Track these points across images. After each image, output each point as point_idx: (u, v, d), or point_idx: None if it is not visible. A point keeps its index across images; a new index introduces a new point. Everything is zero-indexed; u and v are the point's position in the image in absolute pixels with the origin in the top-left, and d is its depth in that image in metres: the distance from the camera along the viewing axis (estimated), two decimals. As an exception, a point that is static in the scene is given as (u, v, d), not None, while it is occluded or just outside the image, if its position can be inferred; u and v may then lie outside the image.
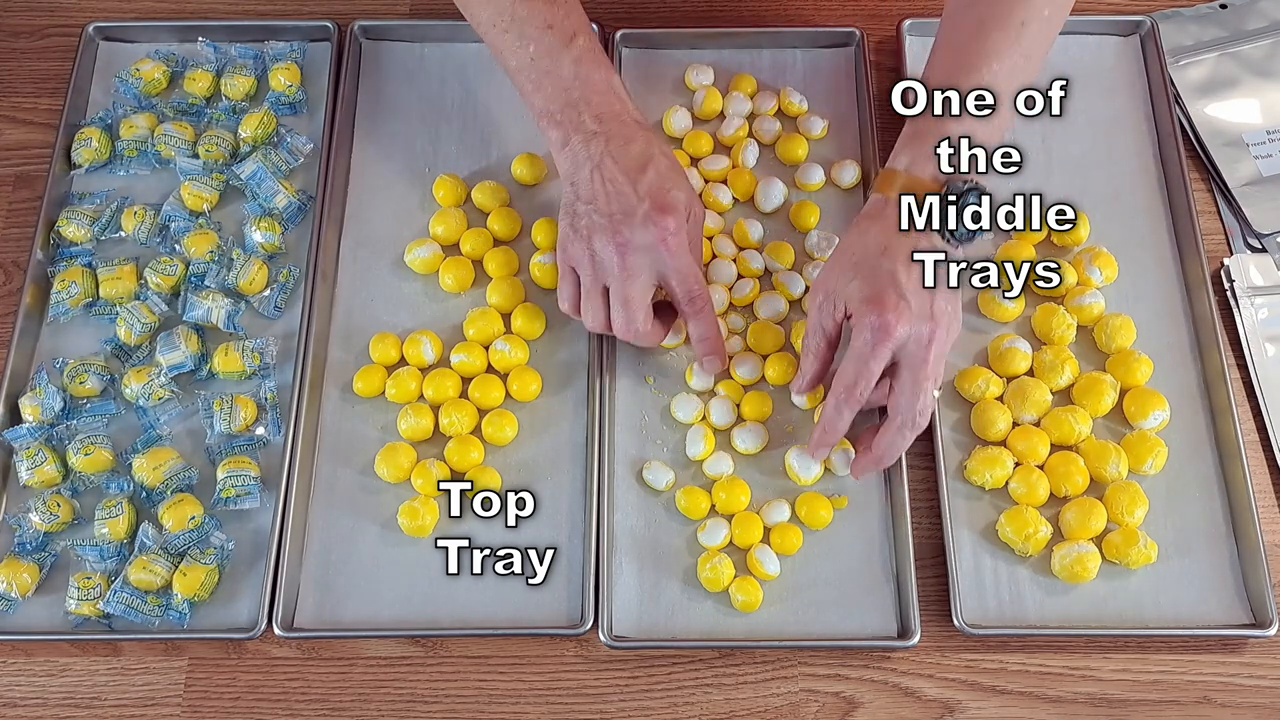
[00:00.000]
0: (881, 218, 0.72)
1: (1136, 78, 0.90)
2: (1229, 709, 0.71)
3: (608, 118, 0.73)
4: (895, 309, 0.68)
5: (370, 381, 0.79)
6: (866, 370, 0.69)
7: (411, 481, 0.76)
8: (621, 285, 0.72)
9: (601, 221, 0.71)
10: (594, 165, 0.72)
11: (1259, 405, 0.79)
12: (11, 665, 0.73)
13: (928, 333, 0.69)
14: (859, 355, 0.69)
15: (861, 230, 0.73)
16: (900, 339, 0.69)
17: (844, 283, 0.71)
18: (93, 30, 0.92)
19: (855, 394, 0.70)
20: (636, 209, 0.71)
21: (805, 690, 0.72)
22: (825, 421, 0.72)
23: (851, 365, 0.70)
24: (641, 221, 0.70)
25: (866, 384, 0.70)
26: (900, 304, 0.68)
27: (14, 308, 0.82)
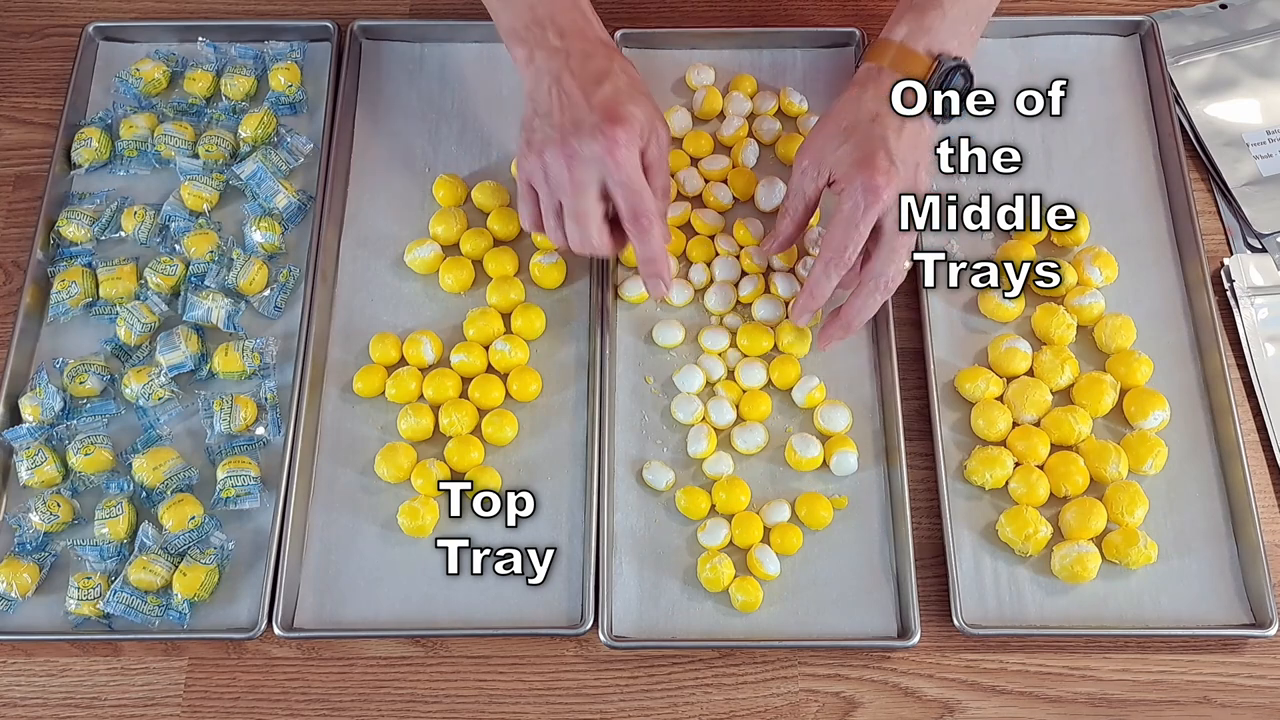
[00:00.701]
0: (873, 85, 0.73)
1: (1136, 78, 0.90)
2: (1229, 709, 0.71)
3: (570, 34, 0.73)
4: (885, 173, 0.69)
5: (370, 381, 0.79)
6: (856, 233, 0.70)
7: (411, 481, 0.76)
8: (572, 199, 0.71)
9: (553, 134, 0.71)
10: (553, 79, 0.72)
11: (1259, 405, 0.79)
12: (11, 665, 0.73)
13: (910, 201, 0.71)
14: (847, 219, 0.70)
15: (852, 97, 0.73)
16: (887, 203, 0.70)
17: (832, 148, 0.72)
18: (93, 30, 0.92)
19: (844, 257, 0.71)
20: (586, 120, 0.70)
21: (805, 690, 0.72)
22: (811, 285, 0.73)
23: (840, 229, 0.71)
24: (590, 132, 0.70)
25: (855, 247, 0.71)
26: (890, 169, 0.70)
27: (14, 308, 0.82)
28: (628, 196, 0.71)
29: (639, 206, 0.71)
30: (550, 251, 0.82)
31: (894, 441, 0.76)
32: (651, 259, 0.74)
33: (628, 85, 0.72)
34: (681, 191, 0.86)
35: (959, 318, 0.82)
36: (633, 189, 0.70)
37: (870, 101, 0.72)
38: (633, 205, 0.71)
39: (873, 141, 0.71)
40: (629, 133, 0.70)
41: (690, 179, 0.86)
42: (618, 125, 0.69)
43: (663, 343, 0.80)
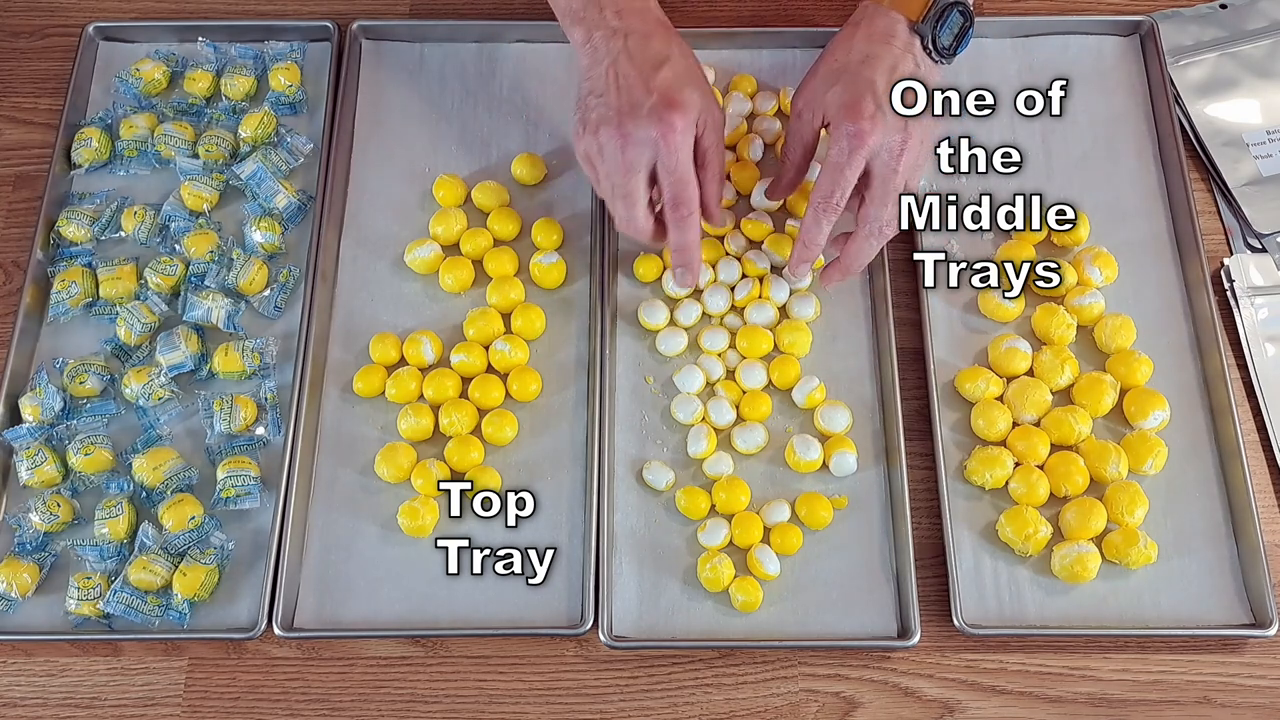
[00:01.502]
0: (865, 25, 0.72)
1: (1136, 78, 0.90)
2: (1229, 709, 0.71)
3: (629, 14, 0.73)
4: (871, 117, 0.69)
5: (370, 381, 0.79)
6: (842, 178, 0.71)
7: (411, 481, 0.76)
8: (622, 179, 0.72)
9: (609, 114, 0.71)
10: (611, 60, 0.72)
11: (1259, 405, 0.79)
12: (11, 665, 0.73)
13: (899, 143, 0.70)
14: (834, 164, 0.71)
15: (845, 38, 0.73)
16: (874, 147, 0.70)
17: (823, 91, 0.72)
18: (93, 30, 0.92)
19: (832, 203, 0.71)
20: (644, 103, 0.70)
21: (805, 690, 0.72)
22: (805, 234, 0.74)
23: (828, 174, 0.71)
24: (647, 116, 0.70)
25: (843, 192, 0.71)
26: (876, 113, 0.69)
27: (14, 308, 0.82)
28: (673, 183, 0.71)
29: (682, 194, 0.72)
30: (550, 251, 0.82)
31: (894, 441, 0.76)
32: (684, 247, 0.74)
33: (685, 70, 0.72)
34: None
35: (959, 318, 0.82)
36: (678, 176, 0.71)
37: (862, 42, 0.72)
38: (676, 192, 0.72)
39: (860, 84, 0.70)
40: (685, 119, 0.70)
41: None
42: (674, 110, 0.69)
43: (666, 352, 0.80)
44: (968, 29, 0.73)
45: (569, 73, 0.91)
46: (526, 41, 0.92)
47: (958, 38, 0.73)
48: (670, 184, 0.71)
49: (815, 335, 0.81)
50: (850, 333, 0.81)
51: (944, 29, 0.72)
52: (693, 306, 0.81)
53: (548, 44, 0.92)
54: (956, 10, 0.72)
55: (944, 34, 0.73)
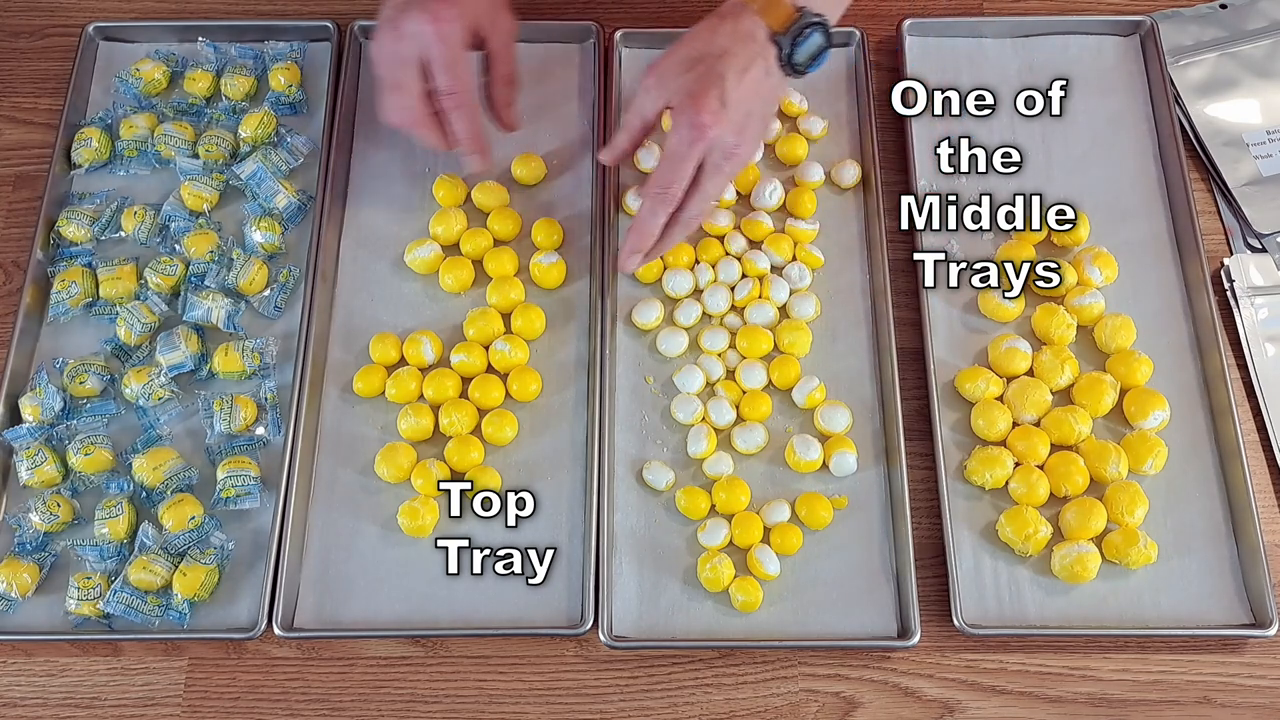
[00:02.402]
0: (731, 20, 0.73)
1: (1136, 78, 0.90)
2: (1229, 709, 0.71)
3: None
4: (714, 113, 0.70)
5: (370, 381, 0.79)
6: (682, 169, 0.72)
7: (411, 481, 0.76)
8: (391, 70, 0.74)
9: (390, 12, 0.74)
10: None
11: (1259, 405, 0.79)
12: (11, 665, 0.73)
13: (732, 144, 0.72)
14: (675, 154, 0.71)
15: (709, 27, 0.73)
16: (711, 141, 0.71)
17: (675, 74, 0.72)
18: (93, 30, 0.92)
19: (670, 193, 0.72)
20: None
21: (805, 690, 0.72)
22: (640, 224, 0.74)
23: (668, 164, 0.72)
24: (417, 7, 0.72)
25: (680, 184, 0.72)
26: (720, 110, 0.70)
27: (14, 308, 0.82)
28: (441, 71, 0.73)
29: (447, 84, 0.74)
30: (550, 251, 0.82)
31: (894, 441, 0.76)
32: (467, 135, 0.76)
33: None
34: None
35: (959, 318, 0.82)
36: (444, 63, 0.73)
37: (724, 36, 0.72)
38: (445, 81, 0.74)
39: (711, 78, 0.70)
40: (452, 10, 0.72)
41: None
42: (442, 2, 0.72)
43: (666, 352, 0.80)
44: (824, 49, 0.74)
45: (569, 72, 0.91)
46: (526, 41, 0.92)
47: (813, 56, 0.74)
48: (438, 72, 0.74)
49: (815, 335, 0.81)
50: (850, 333, 0.81)
51: (801, 46, 0.73)
52: (693, 306, 0.81)
53: (547, 44, 0.92)
54: (817, 30, 0.73)
55: (800, 50, 0.73)
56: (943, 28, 0.91)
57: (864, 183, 0.86)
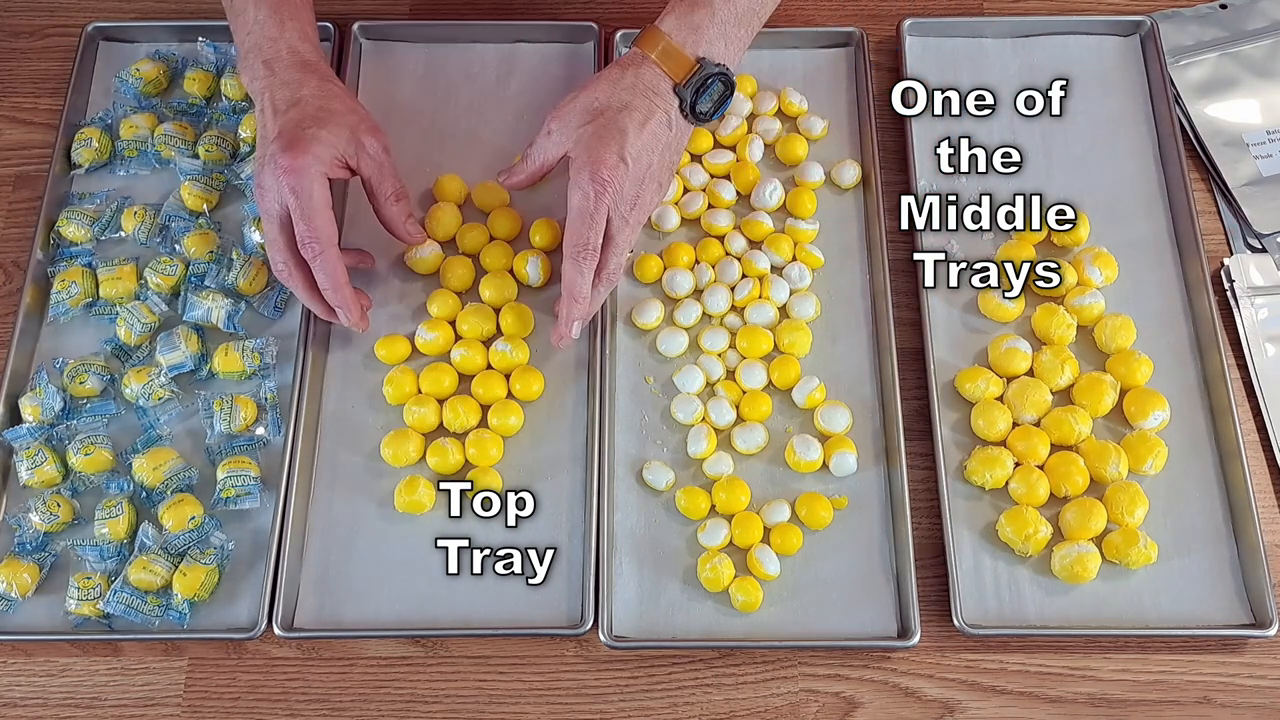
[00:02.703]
0: (632, 72, 0.74)
1: (1136, 78, 0.90)
2: (1229, 709, 0.71)
3: (272, 62, 0.75)
4: (613, 168, 0.71)
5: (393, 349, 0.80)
6: (593, 225, 0.72)
7: (427, 460, 0.76)
8: (267, 227, 0.74)
9: (256, 168, 0.73)
10: (260, 111, 0.74)
11: (1259, 405, 0.79)
12: (11, 665, 0.73)
13: (634, 196, 0.73)
14: (582, 211, 0.72)
15: (612, 78, 0.74)
16: (614, 196, 0.71)
17: (577, 123, 0.73)
18: (93, 30, 0.92)
19: (589, 249, 0.72)
20: (268, 151, 0.72)
21: (805, 690, 0.72)
22: (572, 288, 0.74)
23: (579, 223, 0.72)
24: (269, 162, 0.72)
25: (596, 238, 0.72)
26: (619, 165, 0.71)
27: (14, 308, 0.82)
28: (299, 223, 0.72)
29: (309, 234, 0.72)
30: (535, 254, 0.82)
31: (894, 441, 0.76)
32: (330, 287, 0.74)
33: (317, 109, 0.74)
34: (687, 185, 0.86)
35: (959, 318, 0.82)
36: (303, 215, 0.72)
37: (625, 89, 0.73)
38: (302, 232, 0.72)
39: (611, 132, 0.71)
40: (304, 159, 0.71)
41: (695, 174, 0.86)
42: (291, 152, 0.71)
43: (666, 352, 0.80)
44: (727, 96, 0.75)
45: (569, 73, 0.91)
46: (526, 41, 0.92)
47: (716, 104, 0.75)
48: (297, 223, 0.72)
49: (815, 335, 0.81)
50: (850, 333, 0.81)
51: (704, 96, 0.74)
52: (693, 306, 0.81)
53: (547, 44, 0.92)
54: (719, 80, 0.74)
55: (703, 100, 0.74)
56: (943, 28, 0.91)
57: (864, 183, 0.86)
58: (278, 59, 0.75)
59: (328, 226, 0.73)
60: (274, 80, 0.74)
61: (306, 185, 0.71)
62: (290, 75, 0.75)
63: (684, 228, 0.85)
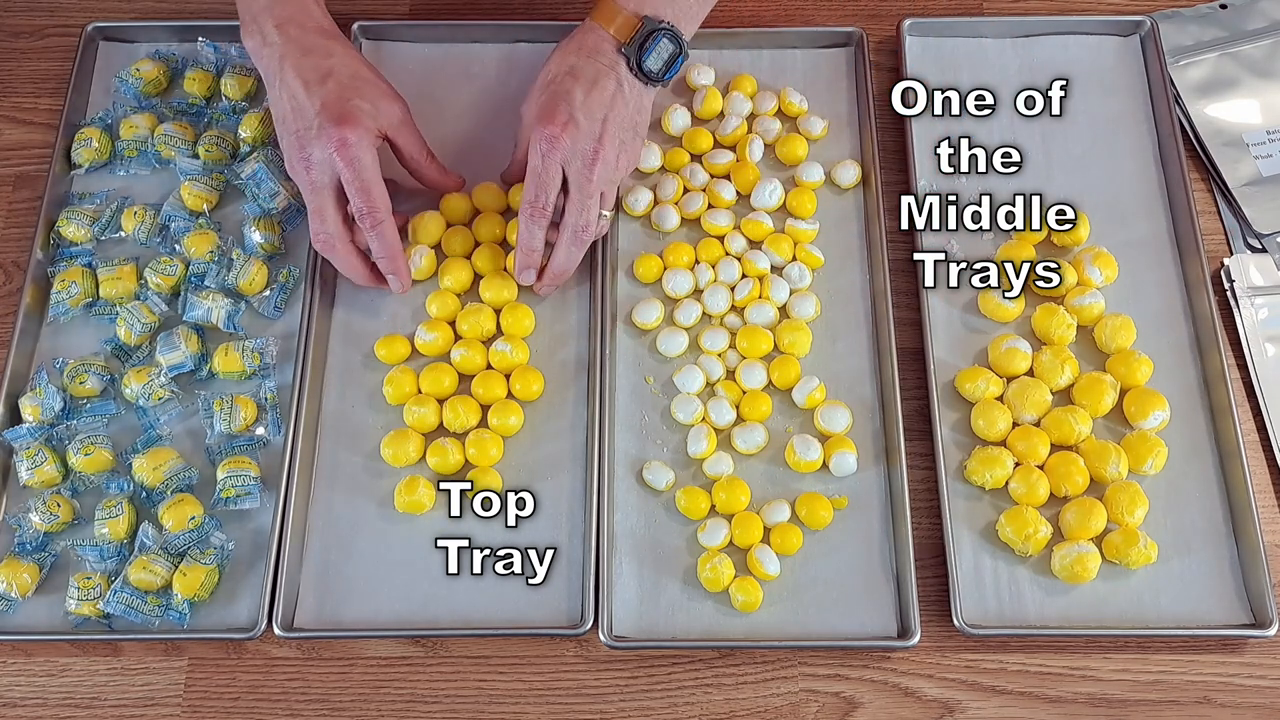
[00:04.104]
0: (579, 40, 0.76)
1: (1136, 78, 0.90)
2: (1229, 709, 0.71)
3: (287, 27, 0.75)
4: (563, 125, 0.72)
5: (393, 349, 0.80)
6: (544, 183, 0.73)
7: (427, 460, 0.76)
8: (311, 196, 0.74)
9: (292, 141, 0.73)
10: (279, 79, 0.74)
11: (1259, 405, 0.79)
12: (11, 665, 0.73)
13: (591, 152, 0.74)
14: (534, 170, 0.73)
15: (562, 49, 0.76)
16: (566, 153, 0.73)
17: (534, 99, 0.75)
18: (93, 30, 0.92)
19: (539, 206, 0.74)
20: (313, 124, 0.72)
21: (805, 690, 0.72)
22: (520, 240, 0.76)
23: (531, 181, 0.74)
24: (318, 135, 0.72)
25: (547, 197, 0.74)
26: (569, 122, 0.72)
27: (14, 308, 0.82)
28: (357, 194, 0.73)
29: (362, 206, 0.73)
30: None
31: (894, 441, 0.76)
32: (386, 255, 0.76)
33: (351, 78, 0.74)
34: (687, 185, 0.86)
35: (959, 318, 0.82)
36: (361, 189, 0.73)
37: (571, 54, 0.76)
38: (362, 204, 0.73)
39: (559, 96, 0.73)
40: (357, 131, 0.72)
41: (695, 174, 0.86)
42: (344, 126, 0.72)
43: (666, 352, 0.80)
44: (678, 55, 0.76)
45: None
46: (526, 41, 0.92)
47: (667, 63, 0.76)
48: (355, 196, 0.73)
49: (815, 335, 0.81)
50: (850, 333, 0.81)
51: (650, 54, 0.75)
52: (693, 306, 0.81)
53: (547, 44, 0.91)
54: (664, 36, 0.75)
55: (650, 58, 0.75)
56: (943, 28, 0.91)
57: (864, 183, 0.86)
58: (293, 22, 0.75)
59: (384, 197, 0.74)
60: (292, 47, 0.74)
61: (361, 157, 0.72)
62: (311, 41, 0.75)
63: (684, 228, 0.85)
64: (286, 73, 0.74)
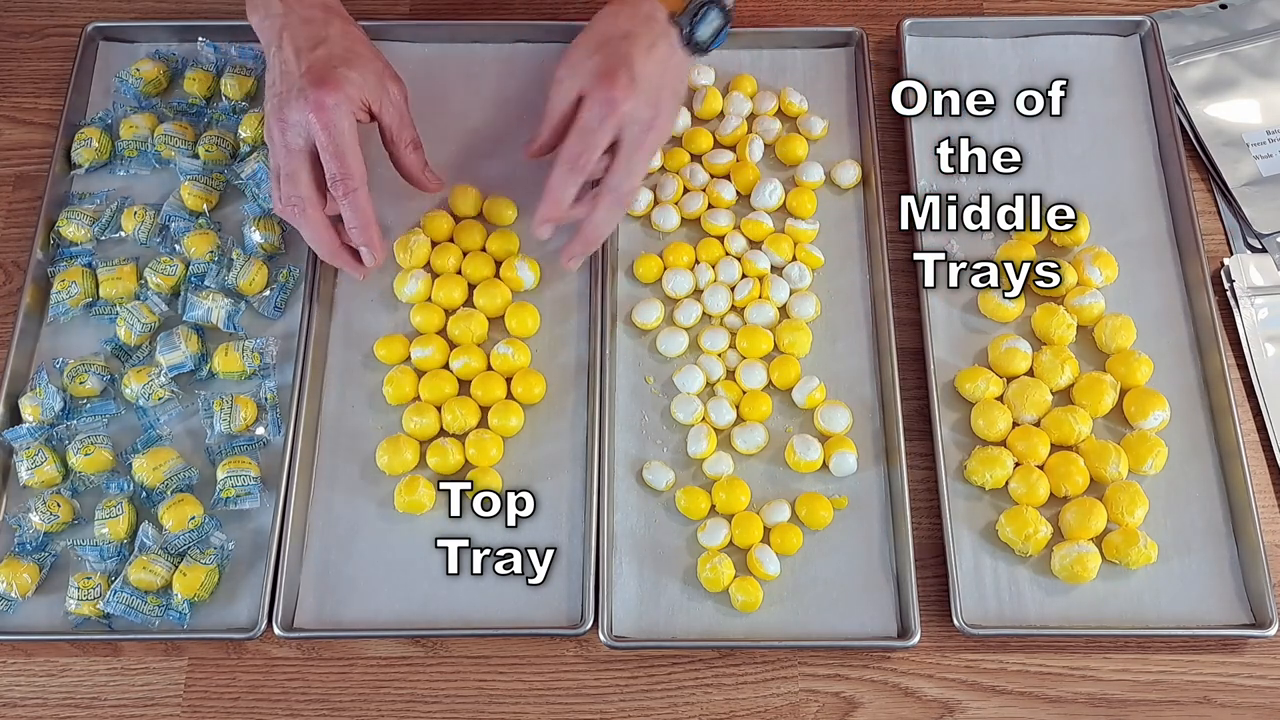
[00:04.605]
0: (632, 7, 0.75)
1: (1136, 78, 0.90)
2: (1229, 709, 0.71)
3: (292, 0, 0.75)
4: (625, 88, 0.72)
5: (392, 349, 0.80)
6: (592, 141, 0.72)
7: (427, 460, 0.76)
8: (284, 160, 0.73)
9: (274, 101, 0.73)
10: (276, 46, 0.74)
11: (1259, 405, 0.79)
12: (11, 665, 0.73)
13: (649, 117, 0.73)
14: (586, 128, 0.72)
15: (611, 12, 0.76)
16: (625, 117, 0.72)
17: (583, 60, 0.74)
18: (93, 30, 0.92)
19: (580, 163, 0.73)
20: (295, 85, 0.72)
21: (805, 690, 0.72)
22: (551, 191, 0.74)
23: (578, 136, 0.73)
24: (297, 96, 0.71)
25: (590, 155, 0.73)
26: (630, 84, 0.72)
27: (14, 308, 0.82)
28: (330, 161, 0.72)
29: (341, 171, 0.72)
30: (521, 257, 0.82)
31: (894, 441, 0.76)
32: (359, 225, 0.75)
33: (344, 50, 0.74)
34: (687, 185, 0.86)
35: (959, 318, 0.82)
36: (335, 153, 0.72)
37: (625, 19, 0.75)
38: (334, 170, 0.72)
39: (618, 57, 0.73)
40: (336, 96, 0.71)
41: (695, 174, 0.86)
42: (323, 89, 0.71)
43: (666, 352, 0.80)
44: (723, 27, 0.77)
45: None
46: (526, 41, 0.92)
47: (714, 33, 0.77)
48: (327, 162, 0.72)
49: (815, 335, 0.81)
50: (850, 333, 0.81)
51: (701, 24, 0.75)
52: (693, 306, 0.81)
53: (547, 44, 0.92)
54: (715, 8, 0.75)
55: (701, 29, 0.76)
56: (943, 28, 0.91)
57: (864, 183, 0.86)
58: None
59: (359, 165, 0.73)
60: (293, 17, 0.74)
61: (338, 122, 0.71)
62: (312, 13, 0.75)
63: (684, 228, 0.85)
64: (283, 40, 0.73)
